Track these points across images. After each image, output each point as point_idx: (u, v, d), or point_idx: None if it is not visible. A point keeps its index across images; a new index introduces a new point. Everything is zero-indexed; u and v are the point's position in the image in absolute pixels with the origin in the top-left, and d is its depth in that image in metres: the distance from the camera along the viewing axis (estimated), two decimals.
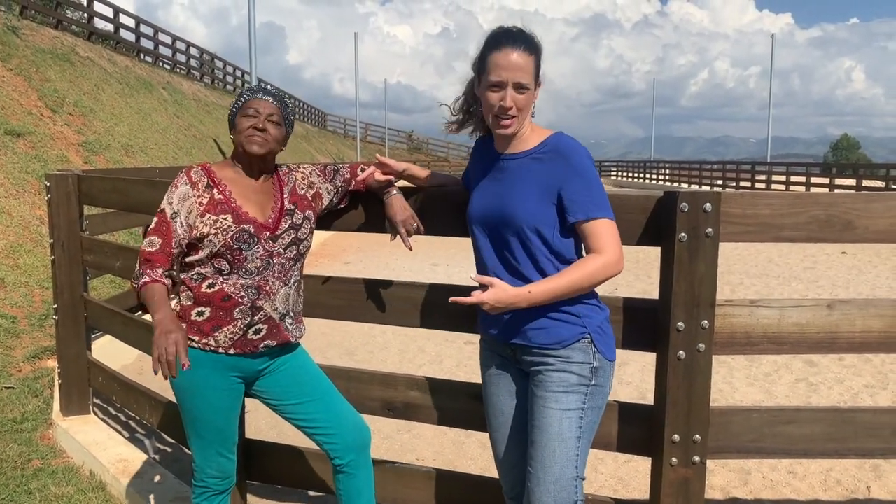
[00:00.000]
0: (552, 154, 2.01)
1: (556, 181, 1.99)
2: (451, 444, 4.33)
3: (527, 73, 1.97)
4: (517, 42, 1.98)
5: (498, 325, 2.12)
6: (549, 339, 2.04)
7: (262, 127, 2.26)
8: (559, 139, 2.04)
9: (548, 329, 2.05)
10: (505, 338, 2.12)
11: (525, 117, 2.03)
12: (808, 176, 25.24)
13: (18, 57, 13.82)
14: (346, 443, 2.41)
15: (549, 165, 2.00)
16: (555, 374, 2.04)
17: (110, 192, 3.84)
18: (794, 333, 2.25)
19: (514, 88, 1.98)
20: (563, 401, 2.02)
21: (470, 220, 2.17)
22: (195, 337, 2.27)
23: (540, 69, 2.03)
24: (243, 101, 2.31)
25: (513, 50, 1.97)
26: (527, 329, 2.07)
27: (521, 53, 1.97)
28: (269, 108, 2.29)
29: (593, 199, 1.98)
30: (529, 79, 1.98)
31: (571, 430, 2.01)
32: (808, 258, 12.43)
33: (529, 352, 2.09)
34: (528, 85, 1.98)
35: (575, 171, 1.98)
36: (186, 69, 29.13)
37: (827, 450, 2.33)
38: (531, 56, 1.99)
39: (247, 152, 2.28)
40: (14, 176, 9.40)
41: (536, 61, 2.01)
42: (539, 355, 2.07)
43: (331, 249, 13.22)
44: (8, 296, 6.57)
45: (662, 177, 40.58)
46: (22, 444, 4.01)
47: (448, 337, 6.73)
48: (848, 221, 2.20)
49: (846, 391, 5.43)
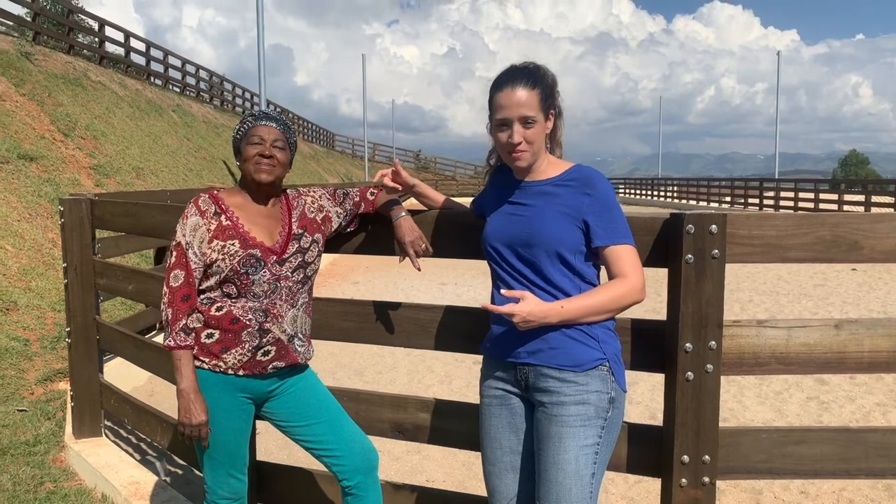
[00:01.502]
0: (576, 182, 2.05)
1: (580, 207, 2.02)
2: (461, 466, 4.32)
3: (530, 106, 2.01)
4: (517, 79, 2.03)
5: (509, 344, 2.09)
6: (566, 361, 2.00)
7: (268, 154, 2.31)
8: (582, 170, 2.09)
9: (565, 350, 2.01)
10: (518, 357, 2.07)
11: (538, 149, 2.07)
12: (817, 192, 25.19)
13: (31, 82, 14.03)
14: (353, 465, 2.43)
15: (573, 192, 2.04)
16: (572, 406, 2.00)
17: (122, 216, 3.89)
18: (802, 354, 2.25)
19: (521, 123, 2.02)
20: (581, 436, 1.99)
21: (487, 243, 2.16)
22: (205, 359, 2.31)
23: (553, 99, 2.07)
24: (247, 128, 2.35)
25: (513, 88, 2.02)
26: (544, 348, 2.02)
27: (523, 89, 2.01)
28: (273, 134, 2.33)
29: (618, 226, 2.02)
30: (534, 111, 2.02)
31: (588, 467, 1.99)
32: (818, 275, 12.39)
33: (544, 375, 2.03)
34: (533, 117, 2.01)
35: (599, 198, 2.02)
36: (196, 92, 29.44)
37: (837, 470, 2.32)
38: (534, 89, 2.02)
39: (255, 180, 2.32)
40: (27, 199, 9.50)
41: (543, 93, 2.04)
42: (555, 380, 2.02)
43: (339, 269, 13.26)
44: (21, 318, 6.62)
45: (670, 194, 40.60)
46: (35, 466, 4.03)
47: (457, 357, 6.74)
48: (854, 242, 2.21)
49: (858, 409, 5.41)
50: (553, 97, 2.08)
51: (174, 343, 2.28)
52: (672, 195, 40.12)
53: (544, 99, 2.04)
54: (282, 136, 2.35)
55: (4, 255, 7.67)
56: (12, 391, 5.31)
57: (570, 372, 2.01)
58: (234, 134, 2.40)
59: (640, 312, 2.24)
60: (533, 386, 2.08)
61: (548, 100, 2.05)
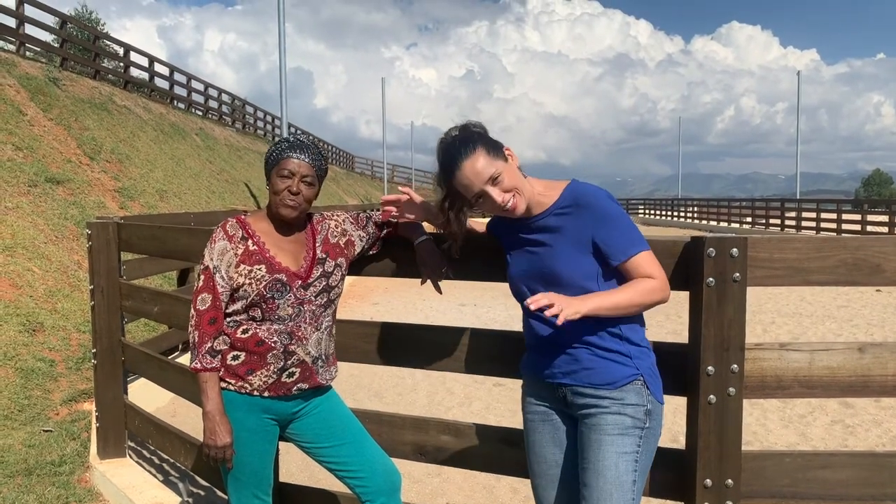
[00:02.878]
0: (574, 207, 2.06)
1: (587, 232, 2.04)
2: (481, 489, 4.31)
3: (490, 166, 2.04)
4: (466, 151, 2.04)
5: (546, 364, 2.15)
6: (600, 380, 2.06)
7: (296, 191, 2.33)
8: (575, 189, 2.09)
9: (598, 369, 2.07)
10: (554, 378, 2.14)
11: (523, 189, 2.09)
12: (839, 213, 24.93)
13: (59, 107, 14.32)
14: (377, 486, 2.44)
15: (575, 218, 2.06)
16: (609, 416, 2.05)
17: (148, 239, 3.96)
18: (825, 377, 2.24)
19: (493, 184, 2.04)
20: (619, 444, 2.03)
21: (514, 282, 2.22)
22: (231, 380, 2.34)
23: (499, 149, 2.08)
24: (279, 157, 2.36)
25: (467, 161, 2.04)
26: (578, 369, 2.09)
27: (476, 156, 2.04)
28: (303, 169, 2.35)
29: (627, 237, 2.04)
30: (496, 167, 2.04)
31: (628, 473, 2.01)
32: (842, 296, 12.24)
33: (581, 393, 2.09)
34: (498, 172, 2.04)
35: (601, 216, 2.03)
36: (218, 115, 29.85)
37: (863, 495, 2.30)
38: (482, 148, 2.05)
39: (280, 214, 2.36)
40: (53, 222, 9.67)
41: (489, 147, 2.06)
42: (591, 396, 2.08)
43: (359, 290, 13.32)
44: (46, 339, 6.72)
45: (690, 215, 40.39)
46: (60, 486, 4.08)
47: (477, 378, 6.73)
48: (876, 265, 2.21)
49: (884, 433, 5.32)
50: (494, 143, 2.09)
51: (200, 365, 2.31)
52: (692, 216, 39.92)
53: (493, 149, 2.07)
54: (312, 171, 2.37)
55: (32, 277, 7.80)
56: (38, 412, 5.38)
57: (605, 389, 2.06)
58: (266, 156, 2.43)
59: (661, 335, 2.24)
60: (572, 403, 2.14)
61: (495, 147, 2.08)
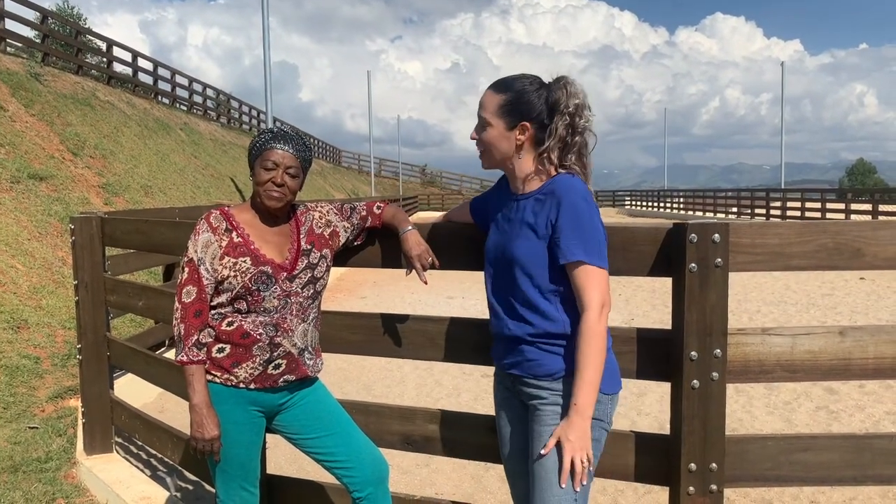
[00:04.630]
0: (549, 195, 2.06)
1: (549, 222, 2.03)
2: (469, 479, 4.33)
3: (486, 110, 2.11)
4: (496, 86, 2.13)
5: (500, 354, 2.21)
6: (541, 371, 2.08)
7: (279, 182, 2.32)
8: (557, 180, 2.08)
9: (540, 361, 2.09)
10: (504, 369, 2.20)
11: (494, 154, 2.13)
12: (824, 202, 25.15)
13: (41, 102, 14.19)
14: (364, 476, 2.45)
15: (546, 206, 2.05)
16: (548, 407, 2.07)
17: (132, 233, 3.94)
18: (807, 361, 2.27)
19: (479, 122, 2.14)
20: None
21: (486, 257, 2.24)
22: (217, 373, 2.33)
23: (514, 114, 2.09)
24: (262, 148, 2.35)
25: (488, 89, 2.15)
26: (522, 360, 2.12)
27: (491, 93, 2.12)
28: (287, 160, 2.34)
29: (579, 240, 1.98)
30: (490, 117, 2.11)
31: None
32: (826, 284, 12.36)
33: (525, 384, 2.13)
34: (487, 122, 2.11)
35: (564, 211, 2.00)
36: (203, 110, 29.67)
37: (845, 477, 2.33)
38: (501, 96, 2.10)
39: (264, 205, 2.36)
40: (37, 218, 9.59)
41: (506, 104, 2.09)
42: (534, 387, 2.11)
43: (347, 284, 13.30)
44: (31, 336, 6.68)
45: (677, 205, 40.59)
46: (47, 483, 4.06)
47: (465, 370, 6.75)
48: (857, 249, 2.23)
49: (867, 418, 5.39)
50: (520, 107, 2.08)
51: (186, 358, 2.30)
52: (678, 207, 40.12)
53: (507, 107, 2.09)
54: (296, 161, 2.36)
55: (15, 273, 7.73)
56: (23, 409, 5.35)
57: (546, 380, 2.08)
58: (249, 146, 2.41)
59: (647, 323, 2.26)
60: (521, 391, 2.18)
61: (511, 109, 2.09)
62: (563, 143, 2.08)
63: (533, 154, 2.11)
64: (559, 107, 2.06)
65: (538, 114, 2.08)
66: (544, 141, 2.08)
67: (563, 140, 2.07)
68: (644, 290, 11.81)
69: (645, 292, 11.61)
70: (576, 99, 2.07)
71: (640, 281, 12.36)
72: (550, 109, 2.07)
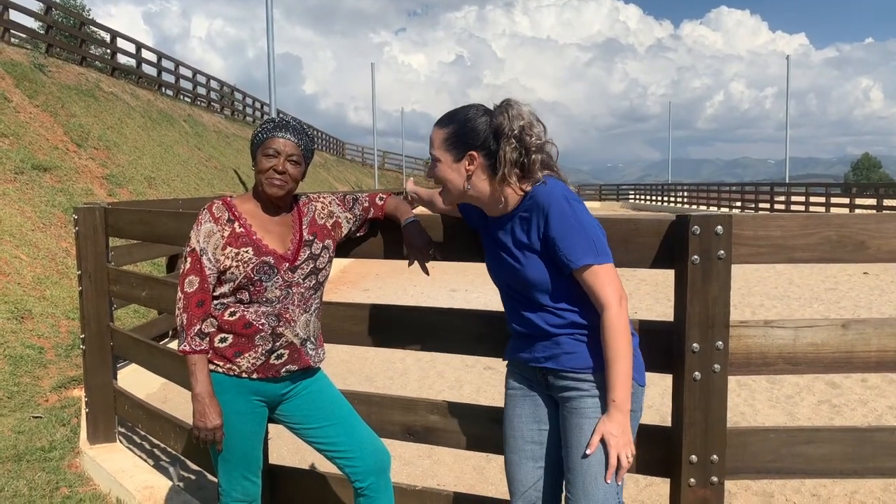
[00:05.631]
0: (533, 209, 2.06)
1: (539, 234, 2.05)
2: (471, 470, 4.34)
3: (433, 146, 2.14)
4: (441, 121, 2.15)
5: (529, 349, 2.17)
6: (582, 364, 2.08)
7: (281, 170, 2.33)
8: (536, 192, 2.06)
9: (580, 353, 2.08)
10: (536, 362, 2.16)
11: (451, 185, 2.14)
12: (828, 196, 25.07)
13: (45, 94, 14.19)
14: (366, 466, 2.45)
15: (532, 221, 2.06)
16: (590, 399, 2.07)
17: (136, 223, 3.94)
18: (809, 353, 2.27)
19: (430, 166, 2.18)
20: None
21: (490, 276, 2.28)
22: (219, 363, 2.34)
23: (460, 147, 2.09)
24: (264, 137, 2.36)
25: (435, 126, 2.16)
26: (560, 353, 2.10)
27: (439, 130, 2.14)
28: (289, 148, 2.34)
29: (577, 245, 2.00)
30: (435, 150, 2.13)
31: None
32: (830, 279, 12.33)
33: (561, 376, 2.11)
34: (435, 157, 2.13)
35: (553, 220, 2.01)
36: (207, 102, 29.65)
37: (846, 470, 2.33)
38: (446, 131, 2.12)
39: (266, 193, 2.36)
40: (41, 209, 9.61)
41: (451, 137, 2.10)
42: (572, 380, 2.10)
43: (350, 277, 13.31)
44: (35, 327, 6.70)
45: (681, 199, 40.51)
46: (50, 472, 4.08)
47: (467, 362, 6.75)
48: (860, 242, 2.23)
49: (870, 413, 5.38)
50: (464, 138, 2.08)
51: (189, 348, 2.31)
52: (682, 200, 40.04)
53: (449, 138, 2.10)
54: (298, 150, 2.36)
55: (19, 264, 7.75)
56: (27, 398, 5.37)
57: (586, 373, 2.08)
58: (251, 137, 2.41)
59: (650, 316, 2.26)
60: (553, 385, 2.16)
61: (457, 143, 2.09)
62: (520, 166, 2.06)
63: (491, 181, 2.10)
64: (503, 131, 2.04)
65: (483, 141, 2.07)
66: (496, 166, 2.07)
67: (517, 163, 2.05)
68: (648, 283, 11.80)
69: (648, 286, 11.60)
70: (519, 120, 2.04)
71: (643, 274, 12.35)
72: (496, 134, 2.06)
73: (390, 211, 2.59)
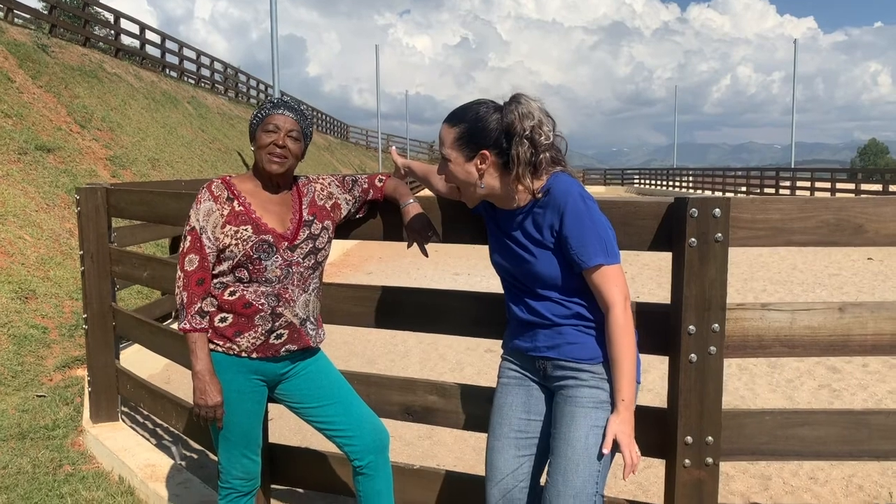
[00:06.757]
0: (548, 205, 2.06)
1: (553, 230, 2.06)
2: (471, 451, 4.37)
3: (444, 144, 2.12)
4: (451, 118, 2.14)
5: (530, 338, 2.18)
6: (583, 354, 2.09)
7: (281, 144, 2.34)
8: (551, 188, 2.07)
9: (581, 344, 2.10)
10: (537, 351, 2.17)
11: (463, 184, 2.14)
12: (833, 182, 24.96)
13: (48, 74, 14.16)
14: (365, 444, 2.48)
15: (546, 216, 2.07)
16: (587, 389, 2.09)
17: (138, 204, 3.96)
18: (806, 336, 2.27)
19: (441, 164, 2.17)
20: (593, 417, 2.07)
21: (494, 266, 2.27)
22: (219, 342, 2.36)
23: (472, 147, 2.08)
24: (264, 115, 2.38)
25: (445, 123, 2.15)
26: (562, 343, 2.12)
27: (449, 127, 2.12)
28: (288, 124, 2.36)
29: (590, 245, 2.02)
30: (446, 148, 2.12)
31: (597, 446, 2.05)
32: (834, 264, 12.31)
33: (561, 366, 2.13)
34: (447, 155, 2.12)
35: (568, 219, 2.02)
36: (210, 83, 29.56)
37: (841, 452, 2.34)
38: (453, 127, 2.11)
39: (266, 170, 2.36)
40: (44, 190, 9.63)
41: (458, 132, 2.10)
42: (571, 370, 2.11)
43: (353, 260, 13.34)
44: (39, 307, 6.74)
45: (686, 184, 40.37)
46: (53, 450, 4.12)
47: (469, 345, 6.78)
48: (858, 225, 2.23)
49: (870, 397, 5.40)
50: (475, 137, 2.07)
51: (189, 326, 2.32)
52: (688, 185, 39.91)
53: (461, 137, 2.09)
54: (297, 126, 2.38)
55: (23, 244, 7.79)
56: (31, 377, 5.42)
57: (587, 363, 2.10)
58: (251, 119, 2.43)
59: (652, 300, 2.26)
60: (551, 375, 2.17)
61: (469, 142, 2.08)
62: (531, 164, 2.06)
63: (503, 178, 2.09)
64: (514, 130, 2.04)
65: (495, 140, 2.06)
66: (508, 164, 2.06)
67: (529, 162, 2.05)
68: (650, 267, 11.80)
69: (651, 270, 11.60)
70: (530, 120, 2.04)
71: (646, 258, 12.34)
72: (507, 133, 2.05)
73: (390, 192, 2.59)
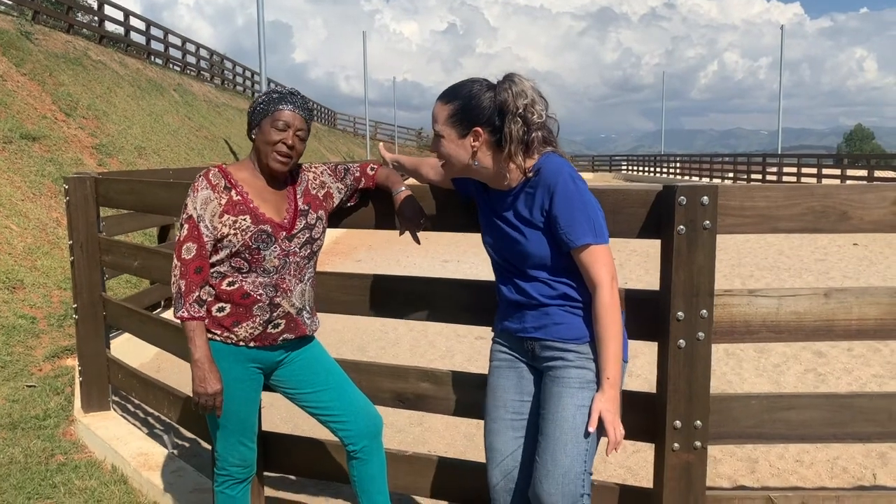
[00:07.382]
0: (538, 185, 2.08)
1: (543, 210, 2.08)
2: (462, 437, 4.41)
3: (437, 121, 2.13)
4: (444, 95, 2.14)
5: (519, 319, 2.22)
6: (570, 334, 2.12)
7: (290, 144, 2.32)
8: (542, 168, 2.09)
9: (568, 324, 2.13)
10: (525, 332, 2.20)
11: (455, 160, 2.14)
12: (820, 167, 25.12)
13: (32, 62, 14.01)
14: (359, 429, 2.51)
15: (537, 197, 2.09)
16: (573, 370, 2.12)
17: (126, 193, 3.95)
18: (792, 321, 2.31)
19: (434, 141, 2.18)
20: (580, 397, 2.10)
21: (485, 247, 2.29)
22: (217, 331, 2.36)
23: (465, 123, 2.09)
24: (272, 108, 2.33)
25: (438, 101, 2.15)
26: (549, 324, 2.15)
27: (442, 105, 2.13)
28: (298, 122, 2.34)
29: (580, 225, 2.04)
30: (439, 125, 2.12)
31: (585, 425, 2.08)
32: (820, 250, 12.42)
33: (548, 346, 2.16)
34: (439, 132, 2.13)
35: (558, 198, 2.05)
36: (196, 71, 29.30)
37: (826, 434, 2.39)
38: (446, 104, 2.12)
39: (270, 167, 2.35)
40: (30, 179, 9.55)
41: (452, 109, 2.11)
42: (558, 350, 2.14)
43: (343, 248, 13.33)
44: (27, 297, 6.71)
45: (673, 170, 40.50)
46: (45, 440, 4.12)
47: (459, 332, 6.81)
48: (843, 212, 2.27)
49: (854, 381, 5.48)
50: (469, 114, 2.08)
51: (187, 314, 2.31)
52: (675, 171, 40.05)
53: (454, 114, 2.10)
54: (305, 125, 2.37)
55: (10, 234, 7.74)
56: (21, 367, 5.40)
57: (573, 343, 2.13)
58: (254, 104, 2.37)
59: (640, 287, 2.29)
60: (539, 356, 2.21)
61: (462, 115, 2.09)
62: (523, 143, 2.08)
63: (495, 156, 2.11)
64: (507, 108, 2.05)
65: (488, 118, 2.08)
66: (501, 142, 2.08)
67: (521, 140, 2.07)
68: (639, 254, 11.86)
69: (639, 256, 11.66)
70: (523, 98, 2.05)
71: (634, 245, 12.40)
72: (500, 111, 2.07)
73: (381, 181, 2.60)
